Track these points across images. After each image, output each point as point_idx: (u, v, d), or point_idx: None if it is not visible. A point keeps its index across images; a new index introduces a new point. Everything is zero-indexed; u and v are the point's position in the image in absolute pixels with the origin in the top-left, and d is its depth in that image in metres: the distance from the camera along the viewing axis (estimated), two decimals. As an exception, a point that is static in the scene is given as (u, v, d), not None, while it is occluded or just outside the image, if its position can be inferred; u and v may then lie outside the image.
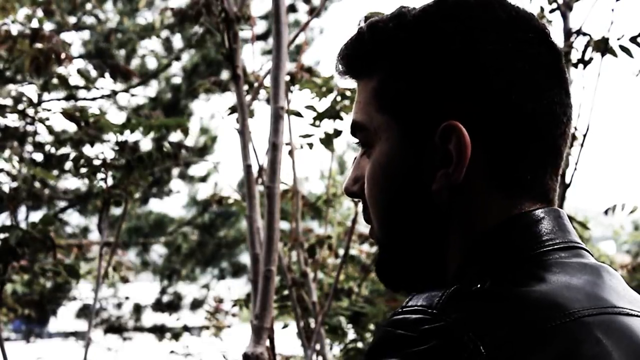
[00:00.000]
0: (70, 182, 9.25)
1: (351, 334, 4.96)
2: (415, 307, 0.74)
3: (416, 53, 0.83)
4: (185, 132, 3.18)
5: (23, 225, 2.93)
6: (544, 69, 0.84)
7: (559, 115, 0.84)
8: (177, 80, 10.33)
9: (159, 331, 11.60)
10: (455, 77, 0.81)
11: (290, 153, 3.12)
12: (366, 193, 0.88)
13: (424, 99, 0.82)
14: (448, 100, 0.82)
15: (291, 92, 2.99)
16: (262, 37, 9.82)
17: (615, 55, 2.95)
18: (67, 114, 3.10)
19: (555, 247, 0.81)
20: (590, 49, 2.97)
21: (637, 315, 0.80)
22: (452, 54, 0.82)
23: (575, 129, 3.10)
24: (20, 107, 3.61)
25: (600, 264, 0.83)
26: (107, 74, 3.05)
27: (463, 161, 0.80)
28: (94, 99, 9.50)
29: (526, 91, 0.82)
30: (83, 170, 3.16)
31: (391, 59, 0.85)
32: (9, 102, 3.55)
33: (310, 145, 3.12)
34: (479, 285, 0.75)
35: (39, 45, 2.97)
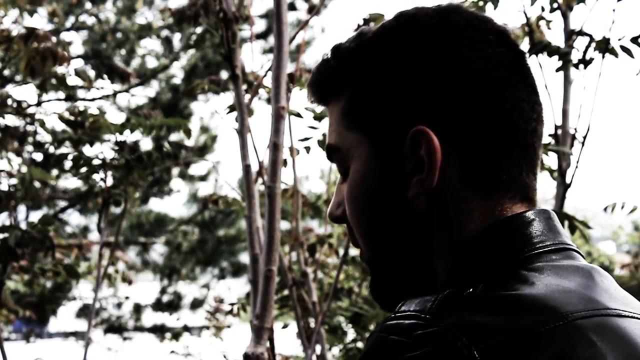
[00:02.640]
0: (70, 182, 9.26)
1: (351, 334, 4.96)
2: (408, 313, 0.73)
3: (377, 67, 0.85)
4: (188, 132, 3.17)
5: (23, 225, 2.92)
6: (505, 66, 0.84)
7: (527, 112, 0.84)
8: (177, 80, 10.34)
9: (159, 331, 11.61)
10: (418, 83, 0.82)
11: (291, 153, 3.11)
12: (347, 214, 0.88)
13: (389, 109, 0.83)
14: (413, 108, 0.82)
15: (290, 91, 2.98)
16: (262, 36, 9.84)
17: (616, 55, 2.94)
18: (64, 118, 3.10)
19: (546, 249, 0.80)
20: (591, 49, 2.97)
21: (630, 316, 0.79)
22: (411, 62, 0.83)
23: (575, 130, 3.10)
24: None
25: (591, 266, 0.83)
26: (105, 76, 3.03)
27: (435, 165, 0.81)
28: (93, 99, 9.51)
29: (489, 89, 0.82)
30: (82, 170, 3.16)
31: (355, 77, 0.86)
32: (8, 102, 3.54)
33: (308, 149, 3.12)
34: (471, 290, 0.74)
35: (34, 45, 2.94)
